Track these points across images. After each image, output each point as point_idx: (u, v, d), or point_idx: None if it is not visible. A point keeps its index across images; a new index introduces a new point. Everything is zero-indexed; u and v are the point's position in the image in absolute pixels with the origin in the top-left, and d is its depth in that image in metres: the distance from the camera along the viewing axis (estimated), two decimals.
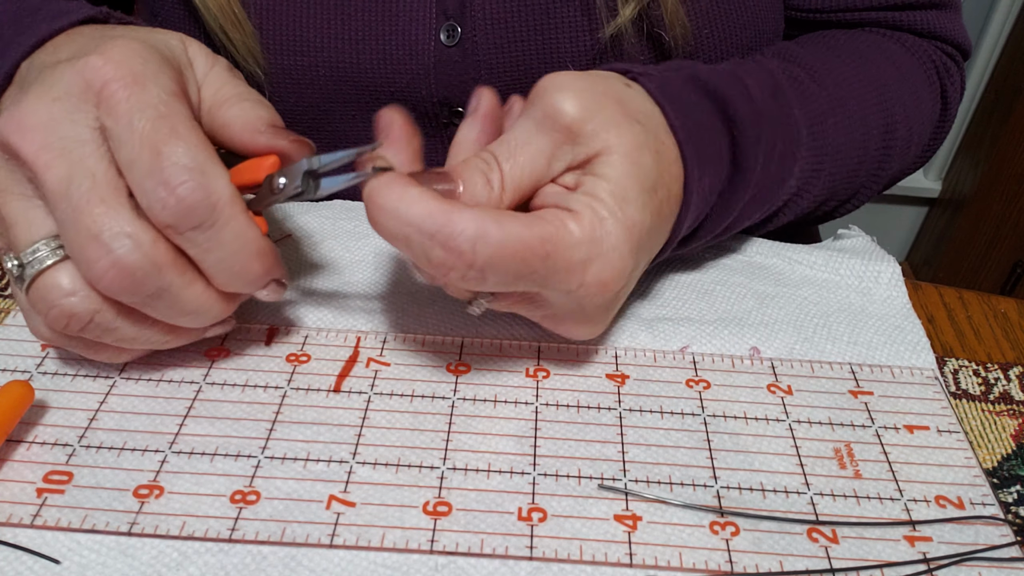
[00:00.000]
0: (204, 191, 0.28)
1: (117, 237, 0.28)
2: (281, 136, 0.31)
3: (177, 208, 0.28)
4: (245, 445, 0.32)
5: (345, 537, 0.28)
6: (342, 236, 0.43)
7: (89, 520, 0.29)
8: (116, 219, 0.28)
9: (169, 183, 0.28)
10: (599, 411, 0.34)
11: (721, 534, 0.29)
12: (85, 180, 0.28)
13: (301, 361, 0.36)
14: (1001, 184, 1.36)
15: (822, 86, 0.44)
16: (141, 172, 0.28)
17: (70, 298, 0.29)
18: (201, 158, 0.28)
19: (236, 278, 0.30)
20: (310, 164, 0.30)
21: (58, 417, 0.32)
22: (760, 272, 0.43)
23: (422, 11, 0.45)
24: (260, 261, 0.30)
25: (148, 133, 0.28)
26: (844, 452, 0.33)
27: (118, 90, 0.28)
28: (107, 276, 0.28)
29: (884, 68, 0.48)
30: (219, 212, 0.29)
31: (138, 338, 0.32)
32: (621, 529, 0.29)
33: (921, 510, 0.31)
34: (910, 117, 0.48)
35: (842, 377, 0.36)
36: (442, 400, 0.34)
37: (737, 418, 0.34)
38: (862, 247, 0.44)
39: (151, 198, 0.28)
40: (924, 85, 0.50)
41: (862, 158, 0.46)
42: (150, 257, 0.28)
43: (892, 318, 0.40)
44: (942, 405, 0.35)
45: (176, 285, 0.30)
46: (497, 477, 0.31)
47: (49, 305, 0.29)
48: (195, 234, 0.29)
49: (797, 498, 0.31)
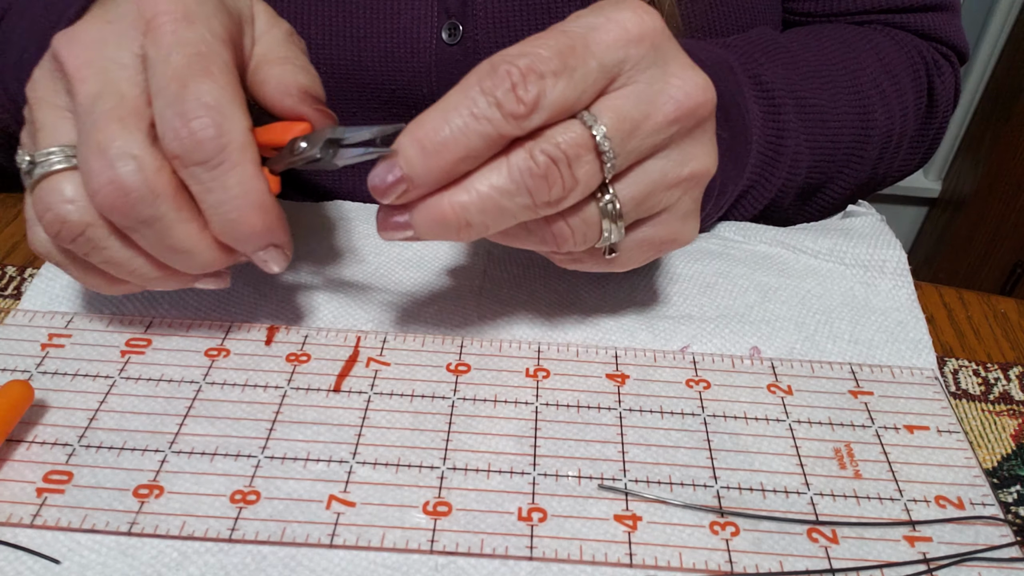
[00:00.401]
0: (217, 129, 0.28)
1: (122, 156, 0.28)
2: (308, 103, 0.31)
3: (187, 140, 0.28)
4: (245, 445, 0.32)
5: (345, 537, 0.28)
6: (342, 235, 0.43)
7: (89, 520, 0.29)
8: (127, 139, 0.28)
9: (186, 115, 0.28)
10: (599, 411, 0.34)
11: (721, 534, 0.29)
12: (112, 99, 0.29)
13: (301, 361, 0.36)
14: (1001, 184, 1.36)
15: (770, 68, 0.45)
16: (164, 101, 0.28)
17: (67, 205, 0.30)
18: (225, 100, 0.29)
19: (233, 226, 0.30)
20: (333, 133, 0.30)
21: (58, 417, 0.32)
22: (764, 262, 0.43)
23: (424, 9, 0.45)
24: (260, 215, 0.30)
25: (181, 66, 0.28)
26: (844, 452, 0.33)
27: (166, 23, 0.29)
28: (103, 191, 0.28)
29: (863, 54, 0.48)
30: (227, 154, 0.29)
31: (126, 264, 0.31)
32: (621, 529, 0.29)
33: (921, 510, 0.31)
34: (888, 102, 0.48)
35: (842, 377, 0.36)
36: (442, 400, 0.34)
37: (737, 418, 0.34)
38: (870, 227, 0.44)
39: (166, 126, 0.28)
40: (906, 74, 0.50)
41: (837, 125, 0.46)
42: (149, 183, 0.29)
43: (895, 312, 0.40)
44: (942, 405, 0.35)
45: (170, 218, 0.29)
46: (497, 477, 0.31)
47: (46, 207, 0.30)
48: (199, 170, 0.29)
49: (797, 498, 0.31)
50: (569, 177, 0.28)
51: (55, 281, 0.38)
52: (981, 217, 1.41)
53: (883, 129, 0.48)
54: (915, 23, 0.51)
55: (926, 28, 0.51)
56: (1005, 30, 1.32)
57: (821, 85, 0.46)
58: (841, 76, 0.46)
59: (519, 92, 0.27)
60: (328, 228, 0.44)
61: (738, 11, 0.48)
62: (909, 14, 0.51)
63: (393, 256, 0.42)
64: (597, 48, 0.28)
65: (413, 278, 0.41)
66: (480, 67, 0.28)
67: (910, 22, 0.51)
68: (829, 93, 0.46)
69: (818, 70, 0.46)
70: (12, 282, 0.40)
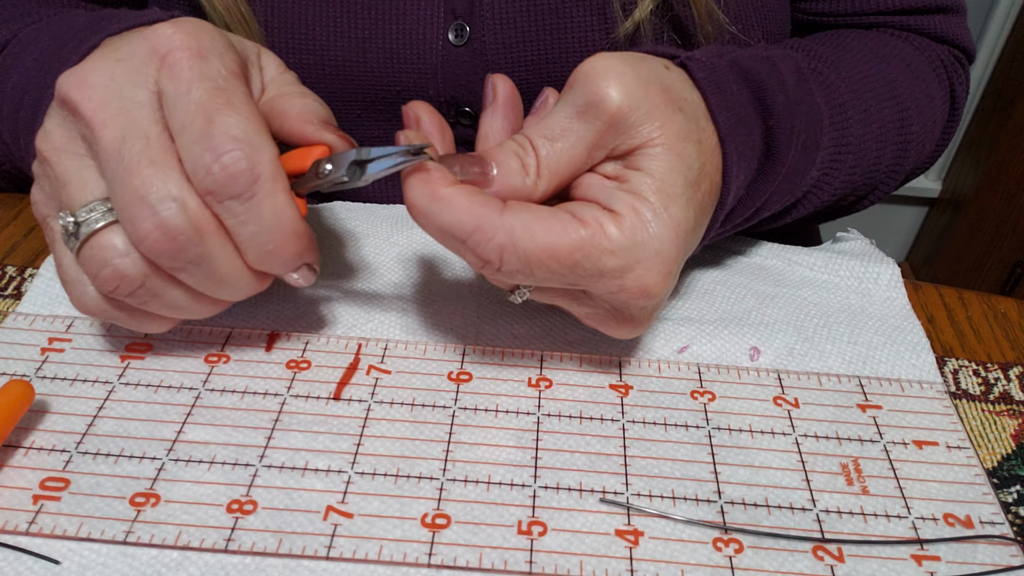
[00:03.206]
0: (249, 161, 0.28)
1: (163, 199, 0.28)
2: (329, 130, 0.31)
3: (220, 175, 0.28)
4: (243, 453, 0.31)
5: (342, 549, 0.28)
6: (343, 239, 0.43)
7: (85, 528, 0.28)
8: (164, 181, 0.28)
9: (216, 150, 0.28)
10: (602, 422, 0.33)
11: (725, 551, 0.29)
12: (138, 141, 0.28)
13: (301, 368, 0.35)
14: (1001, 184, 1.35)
15: (840, 77, 0.44)
16: (191, 137, 0.28)
17: (123, 259, 0.29)
18: (252, 130, 0.28)
19: (269, 256, 0.30)
20: (358, 155, 0.30)
21: (56, 422, 0.32)
22: (760, 273, 0.42)
23: (430, 10, 0.44)
24: (295, 242, 0.30)
25: (204, 101, 0.28)
26: (851, 467, 0.32)
27: (182, 59, 0.29)
28: (150, 237, 0.28)
29: (895, 64, 0.47)
30: (260, 185, 0.28)
31: (180, 306, 0.31)
32: (622, 544, 0.29)
33: (929, 528, 0.30)
34: (923, 113, 0.48)
35: (850, 390, 0.36)
36: (443, 409, 0.34)
37: (742, 431, 0.33)
38: (861, 249, 0.43)
39: (197, 163, 0.28)
40: (934, 82, 0.49)
41: (880, 152, 0.45)
42: (194, 222, 0.28)
43: (892, 319, 0.39)
44: (951, 420, 0.34)
45: (216, 253, 0.29)
46: (497, 489, 0.30)
47: (102, 264, 0.29)
48: (234, 204, 0.29)
49: (803, 515, 0.30)
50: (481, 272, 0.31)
51: (55, 282, 0.38)
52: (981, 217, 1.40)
53: (918, 140, 0.48)
54: (927, 25, 0.51)
55: (938, 30, 0.51)
56: (1005, 30, 1.31)
57: (874, 108, 0.44)
58: (885, 93, 0.46)
59: (484, 270, 0.29)
60: (329, 231, 0.44)
61: (748, 10, 0.47)
62: (921, 16, 0.51)
63: (395, 259, 0.41)
64: (586, 285, 0.30)
65: (415, 281, 0.40)
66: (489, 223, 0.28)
67: (922, 24, 0.51)
68: (879, 117, 0.45)
69: (866, 92, 0.45)
70: (12, 282, 0.39)
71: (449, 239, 0.29)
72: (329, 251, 0.42)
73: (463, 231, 0.28)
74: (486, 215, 0.28)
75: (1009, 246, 1.38)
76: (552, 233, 0.28)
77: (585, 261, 0.28)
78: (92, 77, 0.29)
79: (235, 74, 0.30)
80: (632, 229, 0.29)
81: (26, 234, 0.43)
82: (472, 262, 0.29)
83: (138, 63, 0.29)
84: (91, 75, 0.29)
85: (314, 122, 0.31)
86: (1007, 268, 1.40)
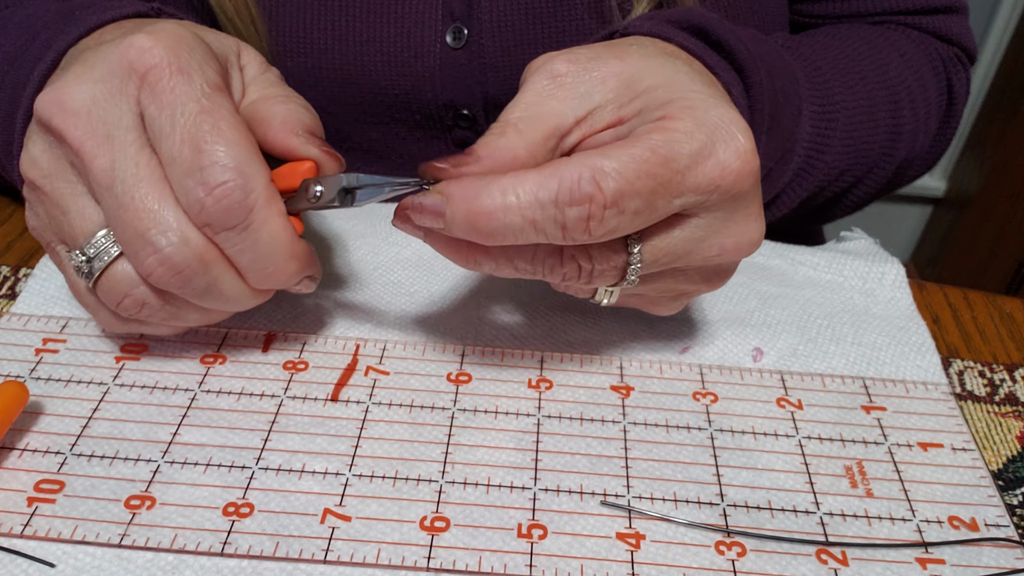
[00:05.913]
0: (242, 192, 0.28)
1: (163, 235, 0.28)
2: (314, 144, 0.30)
3: (214, 208, 0.28)
4: (239, 455, 0.31)
5: (340, 552, 0.28)
6: (342, 239, 0.43)
7: (80, 531, 0.28)
8: (161, 215, 0.28)
9: (208, 184, 0.27)
10: (603, 424, 0.33)
11: (727, 554, 0.28)
12: (128, 170, 0.28)
13: (299, 369, 0.35)
14: (1006, 183, 1.35)
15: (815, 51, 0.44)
16: (181, 170, 0.28)
17: (141, 287, 0.30)
18: (242, 157, 0.28)
19: (269, 278, 0.30)
20: (348, 181, 0.30)
21: (50, 424, 0.32)
22: (763, 273, 0.42)
23: (428, 13, 0.44)
24: (294, 263, 0.30)
25: (190, 128, 0.28)
26: (855, 470, 0.32)
27: (162, 78, 0.28)
28: (156, 272, 0.28)
29: (886, 51, 0.48)
30: (255, 215, 0.28)
31: (202, 318, 0.32)
32: (623, 548, 0.28)
33: (934, 531, 0.30)
34: (915, 98, 0.48)
35: (854, 391, 0.35)
36: (442, 411, 0.33)
37: (745, 433, 0.33)
38: (865, 249, 0.43)
39: (190, 197, 0.28)
40: (928, 72, 0.49)
41: (872, 126, 0.45)
42: (198, 254, 0.28)
43: (897, 319, 0.39)
44: (957, 422, 0.34)
45: (221, 278, 0.30)
46: (497, 492, 0.30)
47: (122, 294, 0.30)
48: (231, 235, 0.28)
49: (806, 518, 0.30)
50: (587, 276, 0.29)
51: (50, 282, 0.38)
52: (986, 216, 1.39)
53: (910, 125, 0.47)
54: (928, 25, 0.51)
55: (938, 30, 0.51)
56: (1010, 29, 1.31)
57: (859, 82, 0.45)
58: (871, 72, 0.46)
59: (591, 224, 0.26)
60: (328, 231, 0.43)
61: (747, 12, 0.47)
62: (921, 16, 0.50)
63: (393, 259, 0.41)
64: (688, 187, 0.27)
65: (414, 281, 0.40)
66: (566, 169, 0.26)
67: (923, 24, 0.51)
68: (865, 90, 0.45)
69: (851, 68, 0.45)
70: (7, 282, 0.39)
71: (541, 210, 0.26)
72: (327, 251, 0.42)
73: (549, 189, 0.26)
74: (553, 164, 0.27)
75: (1014, 246, 1.38)
76: (625, 145, 0.27)
77: (672, 151, 0.27)
78: (73, 101, 0.28)
79: (218, 87, 0.29)
80: (691, 115, 0.27)
81: (20, 233, 0.43)
82: (574, 217, 0.26)
83: (118, 83, 0.28)
84: (71, 99, 0.28)
85: (299, 133, 0.30)
86: (1013, 268, 1.39)
